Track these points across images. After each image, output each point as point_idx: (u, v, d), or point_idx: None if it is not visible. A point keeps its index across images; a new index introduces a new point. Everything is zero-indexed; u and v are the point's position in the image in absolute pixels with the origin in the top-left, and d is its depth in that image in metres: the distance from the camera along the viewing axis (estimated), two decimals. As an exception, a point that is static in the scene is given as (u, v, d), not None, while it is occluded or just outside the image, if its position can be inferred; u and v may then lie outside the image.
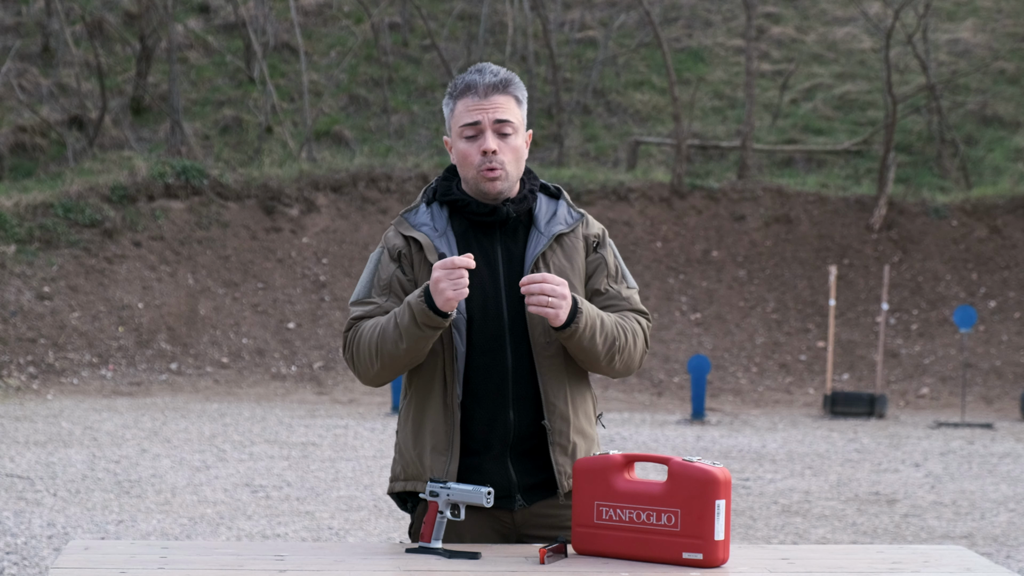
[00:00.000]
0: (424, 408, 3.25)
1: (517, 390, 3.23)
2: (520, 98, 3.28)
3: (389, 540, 7.77)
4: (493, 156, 3.22)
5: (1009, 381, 17.01)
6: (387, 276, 3.27)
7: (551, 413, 3.23)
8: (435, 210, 3.31)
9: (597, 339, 3.19)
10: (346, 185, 20.17)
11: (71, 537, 7.67)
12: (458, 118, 3.26)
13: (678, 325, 18.39)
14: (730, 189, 20.44)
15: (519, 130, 3.27)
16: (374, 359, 3.18)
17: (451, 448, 3.20)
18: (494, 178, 3.23)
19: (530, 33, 24.81)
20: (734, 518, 8.56)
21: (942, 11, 25.66)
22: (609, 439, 12.54)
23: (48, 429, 12.57)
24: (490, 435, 3.22)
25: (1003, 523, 8.87)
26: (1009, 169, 21.64)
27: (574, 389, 3.28)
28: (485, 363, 3.22)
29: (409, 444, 3.27)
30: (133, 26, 24.71)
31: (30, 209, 18.65)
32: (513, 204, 3.27)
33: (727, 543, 2.99)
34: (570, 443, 3.25)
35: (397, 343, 3.13)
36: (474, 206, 3.26)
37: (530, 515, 3.26)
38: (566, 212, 3.34)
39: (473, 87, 3.24)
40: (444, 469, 3.19)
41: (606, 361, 3.23)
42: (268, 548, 3.18)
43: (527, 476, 3.24)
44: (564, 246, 3.30)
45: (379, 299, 3.26)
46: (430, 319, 3.08)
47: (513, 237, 3.29)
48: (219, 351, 17.33)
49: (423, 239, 3.25)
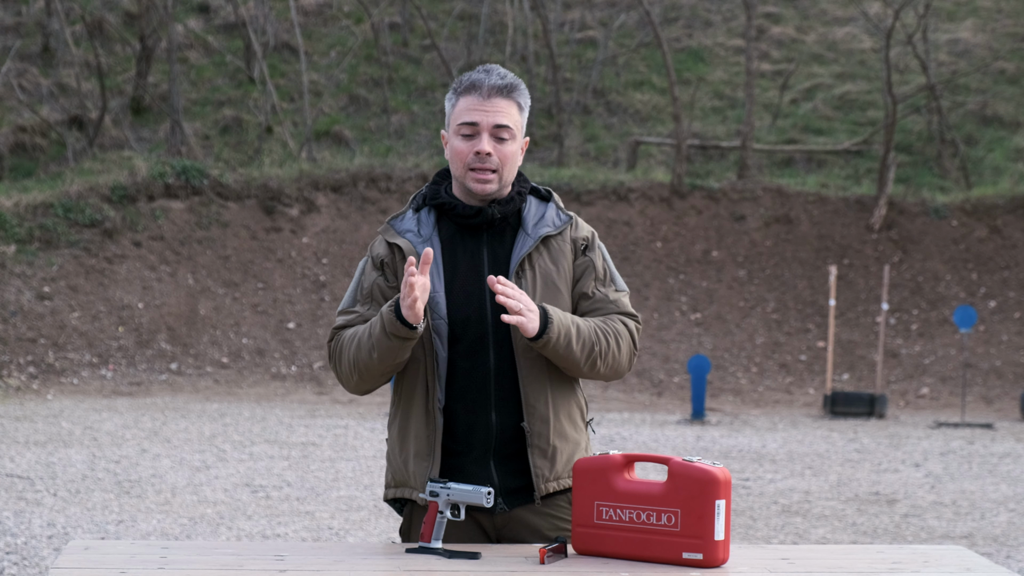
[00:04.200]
0: (408, 414, 3.24)
1: (500, 392, 3.21)
2: (522, 105, 3.26)
3: (389, 540, 7.77)
4: (486, 158, 3.21)
5: (1009, 381, 17.01)
6: (369, 285, 3.26)
7: (531, 415, 3.21)
8: (423, 216, 3.29)
9: (574, 346, 3.17)
10: (346, 185, 20.16)
11: (71, 537, 7.66)
12: (458, 115, 3.24)
13: (678, 325, 18.39)
14: (730, 189, 20.43)
15: (516, 136, 3.25)
16: (352, 369, 3.19)
17: (432, 453, 3.19)
18: (484, 180, 3.22)
19: (530, 33, 24.81)
20: (734, 518, 8.56)
21: (942, 11, 25.65)
22: (609, 439, 12.53)
23: (48, 429, 12.57)
24: (472, 437, 3.21)
25: (1003, 523, 8.87)
26: (1009, 169, 21.64)
27: (556, 392, 3.25)
28: (468, 365, 3.21)
29: (396, 451, 3.27)
30: (133, 26, 24.71)
31: (30, 209, 18.65)
32: (499, 205, 3.25)
33: (727, 543, 2.99)
34: (550, 446, 3.22)
35: (371, 352, 3.13)
36: (460, 208, 3.25)
37: (509, 519, 3.24)
38: (554, 214, 3.32)
39: (478, 86, 3.22)
40: (426, 474, 3.18)
41: (588, 367, 3.21)
42: (268, 548, 3.18)
43: (509, 479, 3.22)
44: (551, 248, 3.28)
45: (361, 308, 3.25)
46: (398, 329, 3.07)
47: (500, 239, 3.27)
48: (219, 351, 17.32)
49: (406, 245, 3.23)
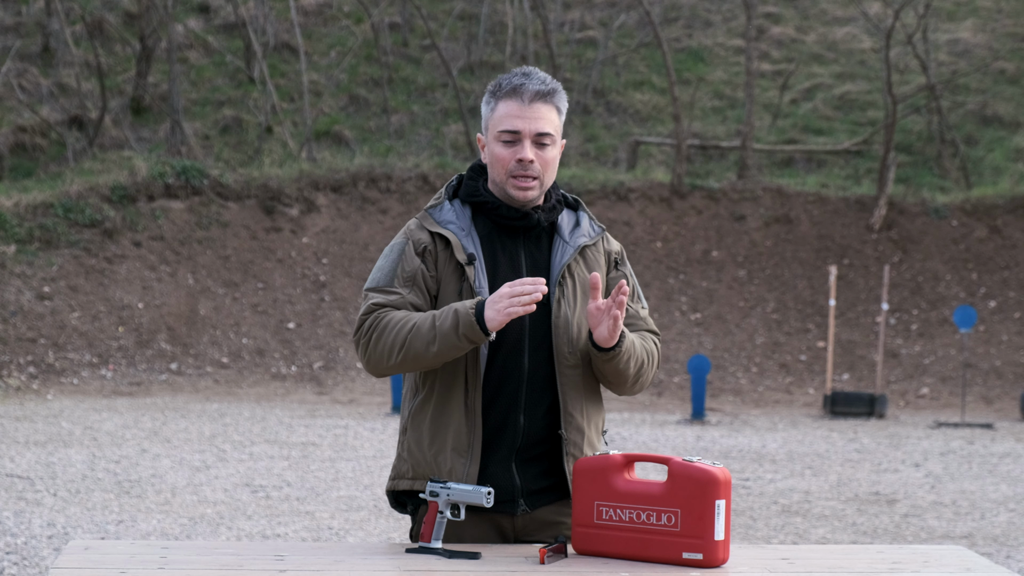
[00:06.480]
0: (446, 409, 3.19)
1: (531, 396, 3.19)
2: (562, 109, 3.24)
3: (389, 540, 7.77)
4: (529, 165, 3.18)
5: (1009, 381, 17.00)
6: (412, 269, 3.19)
7: (568, 424, 3.21)
8: (458, 208, 3.26)
9: (631, 362, 3.18)
10: (346, 185, 20.16)
11: (71, 537, 7.66)
12: (498, 121, 3.20)
13: (678, 325, 18.38)
14: (730, 189, 20.43)
15: (556, 141, 3.23)
16: (396, 352, 3.10)
17: (471, 450, 3.16)
18: (527, 188, 3.19)
19: (530, 33, 24.81)
20: (734, 518, 8.56)
21: (942, 11, 25.65)
22: (609, 439, 12.50)
23: (48, 429, 12.57)
24: (499, 438, 3.19)
25: (1003, 523, 8.87)
26: (1009, 169, 21.64)
27: (589, 403, 3.26)
28: (503, 367, 3.18)
29: (424, 443, 3.21)
30: (133, 26, 24.71)
31: (30, 209, 18.65)
32: (544, 212, 3.23)
33: (727, 543, 2.99)
34: (582, 454, 3.22)
35: (429, 345, 3.07)
36: (504, 209, 3.22)
37: (531, 520, 3.24)
38: (589, 225, 3.32)
39: (519, 92, 3.18)
40: (464, 471, 3.15)
41: (631, 382, 3.23)
42: (268, 548, 3.18)
43: (532, 481, 3.21)
44: (587, 258, 3.28)
45: (403, 290, 3.18)
46: (473, 332, 3.04)
47: (537, 244, 3.26)
48: (219, 351, 17.32)
49: (451, 237, 3.19)
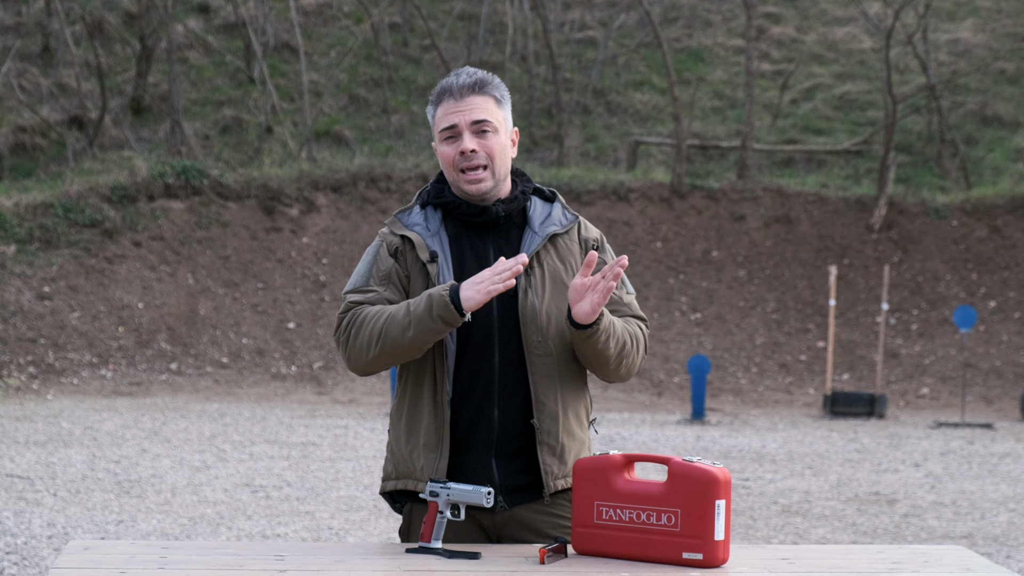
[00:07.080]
0: (416, 406, 3.24)
1: (504, 389, 3.21)
2: (499, 97, 3.26)
3: (389, 540, 7.77)
4: (472, 155, 3.21)
5: (1009, 381, 17.00)
6: (386, 268, 3.26)
7: (540, 412, 3.21)
8: (429, 212, 3.31)
9: (611, 342, 3.19)
10: (346, 185, 20.16)
11: (71, 537, 7.67)
12: (438, 123, 3.26)
13: (678, 325, 18.38)
14: (730, 189, 20.43)
15: (500, 129, 3.25)
16: (374, 344, 3.16)
17: (440, 445, 3.19)
18: (475, 180, 3.23)
19: (530, 33, 24.80)
20: (734, 518, 8.56)
21: (942, 11, 25.65)
22: (609, 439, 12.53)
23: (48, 429, 12.57)
24: (473, 433, 3.21)
25: (1003, 523, 8.87)
26: (1009, 169, 21.64)
27: (566, 390, 3.26)
28: (473, 361, 3.21)
29: (401, 442, 3.26)
30: (133, 26, 24.71)
31: (30, 209, 18.65)
32: (503, 204, 3.26)
33: (727, 543, 2.99)
34: (559, 444, 3.22)
35: (404, 331, 3.11)
36: (464, 207, 3.26)
37: (510, 518, 3.24)
38: (560, 214, 3.33)
39: (449, 90, 3.24)
40: (434, 466, 3.18)
41: (614, 365, 3.23)
42: (268, 548, 3.18)
43: (511, 478, 3.22)
44: (558, 247, 3.29)
45: (379, 288, 3.25)
46: (447, 312, 3.07)
47: (506, 238, 3.28)
48: (219, 351, 17.32)
49: (415, 238, 3.25)
